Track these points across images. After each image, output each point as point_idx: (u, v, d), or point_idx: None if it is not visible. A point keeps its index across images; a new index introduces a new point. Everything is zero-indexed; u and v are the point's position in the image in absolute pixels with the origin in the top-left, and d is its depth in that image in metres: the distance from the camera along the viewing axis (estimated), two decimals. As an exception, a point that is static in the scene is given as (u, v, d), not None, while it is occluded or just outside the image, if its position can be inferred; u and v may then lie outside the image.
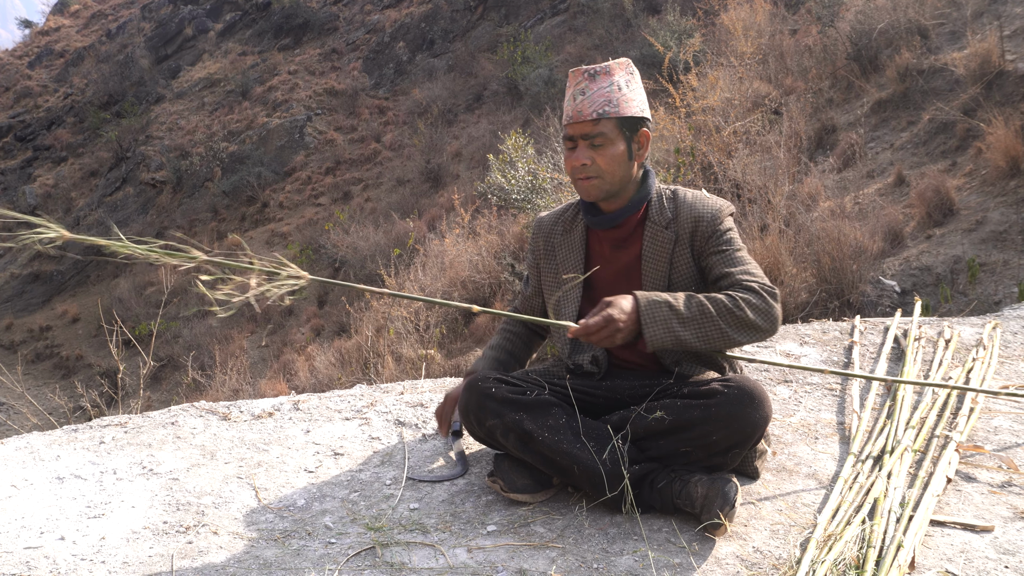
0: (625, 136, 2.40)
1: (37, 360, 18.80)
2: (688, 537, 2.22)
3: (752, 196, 6.98)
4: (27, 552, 2.20)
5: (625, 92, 2.39)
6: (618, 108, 2.37)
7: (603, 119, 2.37)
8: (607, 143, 2.39)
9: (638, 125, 2.42)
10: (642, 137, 2.43)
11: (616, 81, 2.39)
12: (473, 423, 2.45)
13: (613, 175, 2.42)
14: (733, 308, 2.26)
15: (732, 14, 11.93)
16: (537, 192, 9.34)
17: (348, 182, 21.93)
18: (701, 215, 2.44)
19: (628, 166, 2.43)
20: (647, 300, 2.25)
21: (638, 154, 2.44)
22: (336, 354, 8.99)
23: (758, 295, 2.29)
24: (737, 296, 2.28)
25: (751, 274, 2.35)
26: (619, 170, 2.41)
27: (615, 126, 2.39)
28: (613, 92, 2.38)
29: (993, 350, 3.47)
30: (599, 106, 2.37)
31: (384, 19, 28.46)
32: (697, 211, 2.45)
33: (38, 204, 25.73)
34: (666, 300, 2.26)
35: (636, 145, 2.42)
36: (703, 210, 2.45)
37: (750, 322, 2.26)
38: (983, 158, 7.38)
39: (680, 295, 2.29)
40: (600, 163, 2.40)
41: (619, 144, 2.40)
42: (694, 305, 2.26)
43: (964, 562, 2.13)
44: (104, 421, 3.05)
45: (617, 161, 2.40)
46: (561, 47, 21.69)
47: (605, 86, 2.38)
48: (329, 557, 2.17)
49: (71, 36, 35.40)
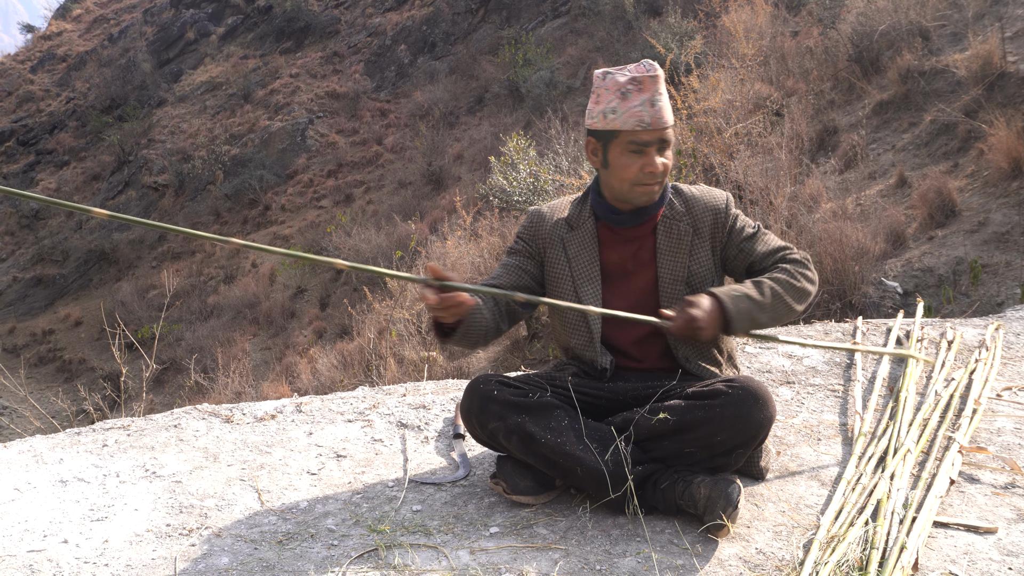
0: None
1: (40, 363, 18.81)
2: (691, 538, 2.22)
3: (754, 197, 6.98)
4: (30, 555, 2.20)
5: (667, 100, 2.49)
6: (670, 115, 2.46)
7: (671, 126, 2.46)
8: (669, 148, 2.47)
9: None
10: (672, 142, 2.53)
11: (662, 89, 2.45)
12: (475, 426, 2.45)
13: (666, 177, 2.50)
14: (794, 282, 2.41)
15: (733, 16, 11.93)
16: (539, 194, 9.33)
17: (350, 185, 21.94)
18: (716, 207, 2.54)
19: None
20: (729, 297, 2.34)
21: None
22: (338, 356, 8.99)
23: (802, 264, 2.47)
24: (793, 270, 2.44)
25: (787, 247, 2.51)
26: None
27: (671, 133, 2.47)
28: (665, 100, 2.44)
29: (996, 351, 3.47)
30: (669, 114, 2.44)
31: (385, 22, 28.47)
32: (710, 204, 2.54)
33: (40, 208, 25.75)
34: (745, 293, 2.36)
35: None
36: (716, 202, 2.55)
37: (807, 291, 2.44)
38: (985, 159, 7.37)
39: (749, 284, 2.40)
40: (666, 168, 2.46)
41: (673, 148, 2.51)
42: (767, 291, 2.38)
43: (968, 564, 2.13)
44: (107, 424, 3.05)
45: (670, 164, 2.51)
46: (562, 49, 21.70)
47: (662, 92, 2.42)
48: (332, 559, 2.17)
49: (73, 40, 35.43)
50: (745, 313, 2.33)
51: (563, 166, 9.33)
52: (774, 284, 2.39)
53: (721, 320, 2.32)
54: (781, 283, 2.40)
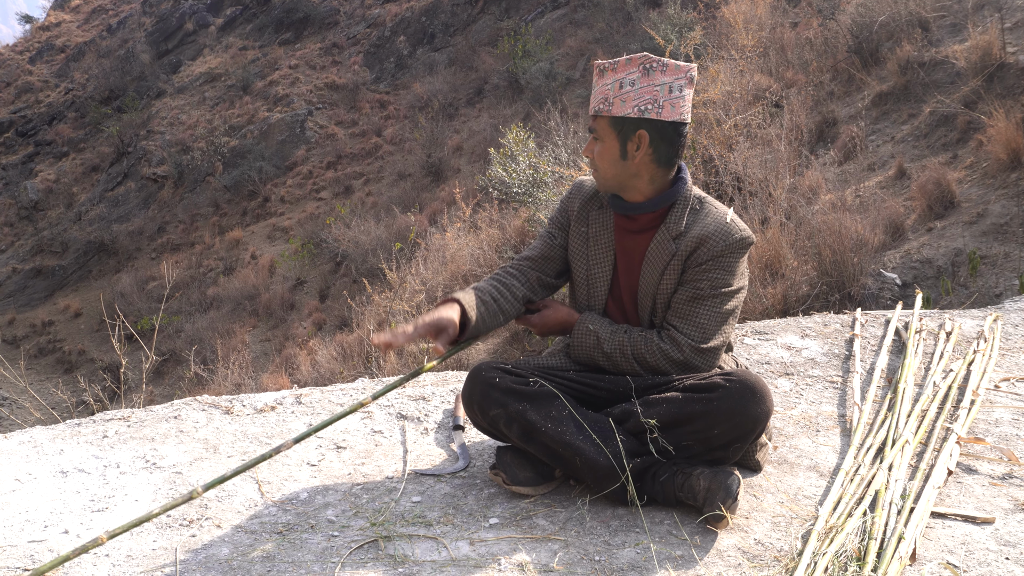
0: (619, 136, 2.38)
1: (40, 355, 18.81)
2: (690, 529, 2.23)
3: (753, 189, 6.98)
4: (31, 546, 2.21)
5: (626, 91, 2.34)
6: (611, 108, 2.36)
7: (598, 116, 2.41)
8: (600, 141, 2.42)
9: (634, 126, 2.36)
10: (639, 138, 2.36)
11: (620, 79, 2.35)
12: (476, 412, 2.45)
13: (606, 172, 2.44)
14: (647, 355, 2.43)
15: (733, 7, 11.91)
16: (538, 186, 9.33)
17: (349, 176, 21.92)
18: (708, 237, 2.39)
19: (623, 166, 2.40)
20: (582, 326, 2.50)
21: (635, 155, 2.38)
22: (338, 348, 9.00)
23: (667, 354, 2.41)
24: (657, 345, 2.42)
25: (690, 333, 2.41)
26: (611, 168, 2.42)
27: (607, 125, 2.39)
28: (612, 91, 2.36)
29: (994, 342, 3.48)
30: (597, 103, 2.40)
31: (384, 13, 28.42)
32: (706, 232, 2.40)
33: (40, 199, 25.73)
34: (596, 332, 2.48)
35: (633, 145, 2.37)
36: (712, 232, 2.40)
37: (655, 368, 2.44)
38: (984, 151, 7.37)
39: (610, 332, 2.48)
40: (596, 159, 2.44)
41: (610, 143, 2.40)
42: (615, 347, 2.46)
43: (965, 554, 2.14)
44: (107, 415, 3.06)
45: (608, 159, 2.42)
46: (562, 41, 21.67)
47: (608, 83, 2.37)
48: (332, 550, 2.18)
49: (72, 31, 35.35)
50: (585, 350, 2.51)
51: (562, 158, 9.33)
52: (630, 345, 2.44)
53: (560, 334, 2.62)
54: (636, 346, 2.43)
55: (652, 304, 2.47)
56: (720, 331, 2.42)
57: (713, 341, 2.41)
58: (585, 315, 2.52)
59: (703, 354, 2.41)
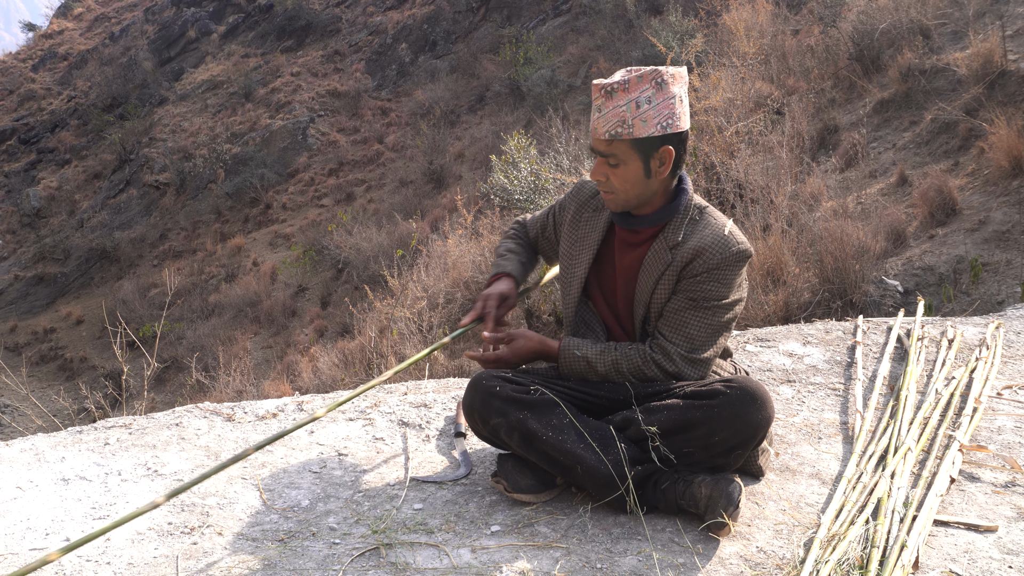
0: (641, 156, 2.31)
1: (41, 362, 18.82)
2: (692, 537, 2.22)
3: (755, 196, 6.98)
4: (32, 554, 2.21)
5: (645, 110, 2.26)
6: (632, 129, 2.27)
7: (615, 140, 2.30)
8: (620, 164, 2.33)
9: (658, 144, 2.30)
10: (664, 154, 2.31)
11: (635, 99, 2.26)
12: (477, 421, 2.45)
13: (628, 193, 2.38)
14: (642, 367, 2.42)
15: (734, 14, 11.93)
16: (540, 192, 9.33)
17: (351, 183, 21.95)
18: (704, 249, 2.36)
19: (646, 184, 2.36)
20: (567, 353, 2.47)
21: (659, 171, 2.33)
22: (339, 355, 9.00)
23: (671, 362, 2.40)
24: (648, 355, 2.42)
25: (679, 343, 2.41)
26: (635, 188, 2.36)
27: (628, 147, 2.30)
28: (628, 112, 2.26)
29: (996, 350, 3.47)
30: (612, 127, 2.28)
31: (386, 21, 28.49)
32: (703, 244, 2.36)
33: (42, 206, 25.78)
34: (587, 361, 2.46)
35: (657, 162, 2.32)
36: (709, 244, 2.36)
37: (647, 376, 2.44)
38: (985, 158, 7.37)
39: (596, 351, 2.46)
40: (614, 182, 2.36)
41: (633, 164, 2.32)
42: (609, 363, 2.45)
43: (968, 562, 2.13)
44: (109, 423, 3.06)
45: (631, 181, 2.35)
46: (563, 48, 21.71)
47: (621, 105, 2.27)
48: (333, 558, 2.17)
49: (74, 39, 35.46)
50: (577, 374, 2.49)
51: (564, 164, 9.33)
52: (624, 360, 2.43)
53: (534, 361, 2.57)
54: (631, 360, 2.42)
55: (645, 312, 2.46)
56: (712, 342, 2.41)
57: (704, 352, 2.40)
58: (566, 342, 2.48)
59: (694, 364, 2.40)
